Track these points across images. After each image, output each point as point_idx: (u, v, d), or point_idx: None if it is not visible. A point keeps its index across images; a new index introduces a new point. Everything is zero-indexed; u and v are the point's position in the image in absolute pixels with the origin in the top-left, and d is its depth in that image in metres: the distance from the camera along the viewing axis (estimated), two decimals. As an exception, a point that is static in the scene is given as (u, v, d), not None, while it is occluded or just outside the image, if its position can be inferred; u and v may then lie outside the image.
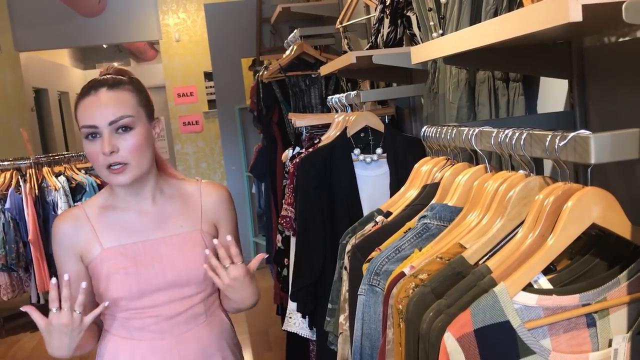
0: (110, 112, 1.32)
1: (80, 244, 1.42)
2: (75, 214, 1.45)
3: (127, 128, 1.34)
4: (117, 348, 1.44)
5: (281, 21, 4.84)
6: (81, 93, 1.37)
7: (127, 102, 1.35)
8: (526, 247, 0.84)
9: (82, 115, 1.35)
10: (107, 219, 1.44)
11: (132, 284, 1.40)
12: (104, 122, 1.32)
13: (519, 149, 0.94)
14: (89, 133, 1.34)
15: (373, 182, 2.03)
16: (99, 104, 1.33)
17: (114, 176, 1.34)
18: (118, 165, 1.33)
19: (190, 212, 1.49)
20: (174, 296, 1.43)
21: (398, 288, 0.94)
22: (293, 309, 2.21)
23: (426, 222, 1.09)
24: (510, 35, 0.89)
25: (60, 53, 9.87)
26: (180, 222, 1.47)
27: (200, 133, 7.83)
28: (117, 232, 1.43)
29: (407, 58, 1.89)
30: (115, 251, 1.41)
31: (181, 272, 1.43)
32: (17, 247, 4.43)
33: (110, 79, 1.37)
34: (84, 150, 1.37)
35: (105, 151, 1.31)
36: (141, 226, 1.44)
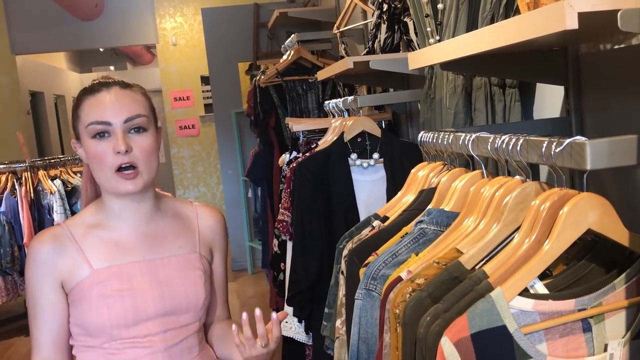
0: (126, 110, 1.23)
1: (62, 267, 1.26)
2: (57, 233, 1.29)
3: (140, 129, 1.25)
4: None
5: (278, 26, 4.85)
6: (87, 90, 1.27)
7: (141, 102, 1.28)
8: (522, 252, 0.85)
9: (90, 112, 1.23)
10: (96, 237, 1.30)
11: (128, 309, 1.25)
12: (119, 119, 1.22)
13: (516, 155, 0.94)
14: (99, 131, 1.22)
15: (370, 187, 2.04)
16: (113, 100, 1.24)
17: (123, 182, 1.23)
18: (130, 170, 1.23)
19: (188, 234, 1.39)
20: (170, 324, 1.30)
21: (395, 292, 0.95)
22: (289, 313, 2.21)
23: (423, 227, 1.10)
24: (506, 42, 0.90)
25: (57, 56, 9.87)
26: (178, 242, 1.36)
27: (197, 137, 7.83)
28: (109, 251, 1.29)
29: (404, 63, 1.90)
30: (108, 272, 1.27)
31: (181, 297, 1.31)
32: (12, 251, 4.42)
33: (120, 81, 1.29)
34: (88, 150, 1.25)
35: (121, 149, 1.20)
36: (136, 245, 1.31)
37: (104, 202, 1.32)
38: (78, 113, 1.27)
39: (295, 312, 2.13)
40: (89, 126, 1.24)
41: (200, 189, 7.78)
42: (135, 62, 11.83)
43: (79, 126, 1.27)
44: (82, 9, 6.90)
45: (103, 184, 1.28)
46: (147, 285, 1.28)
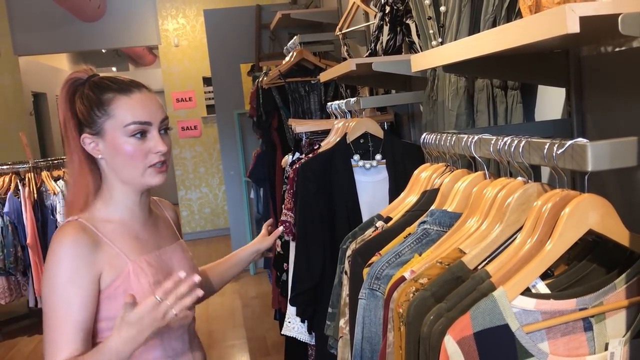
0: (160, 111, 1.32)
1: (102, 260, 1.26)
2: (84, 227, 1.28)
3: (167, 129, 1.35)
4: None
5: (280, 27, 4.87)
6: (114, 89, 1.28)
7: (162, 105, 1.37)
8: (525, 252, 0.86)
9: (132, 111, 1.27)
10: (117, 231, 1.32)
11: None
12: (157, 119, 1.31)
13: (518, 156, 0.96)
14: (141, 130, 1.28)
15: (372, 188, 2.05)
16: (149, 101, 1.30)
17: (155, 175, 1.31)
18: (161, 164, 1.31)
19: (169, 223, 1.52)
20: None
21: (399, 292, 0.96)
22: (292, 313, 2.22)
23: (426, 228, 1.11)
24: (509, 45, 0.91)
25: (59, 57, 9.90)
26: (169, 232, 1.49)
27: (199, 138, 7.86)
28: (133, 243, 1.33)
29: (407, 65, 1.92)
30: (144, 261, 1.32)
31: None
32: (16, 251, 4.43)
33: (139, 81, 1.34)
34: (121, 147, 1.26)
35: (163, 149, 1.29)
36: (149, 236, 1.39)
37: (112, 197, 1.34)
38: (107, 110, 1.28)
39: (298, 312, 2.14)
40: (130, 125, 1.27)
41: (202, 190, 7.80)
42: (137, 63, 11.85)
43: (107, 123, 1.28)
44: (84, 10, 6.93)
45: (132, 179, 1.31)
46: (168, 272, 1.34)
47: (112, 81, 1.31)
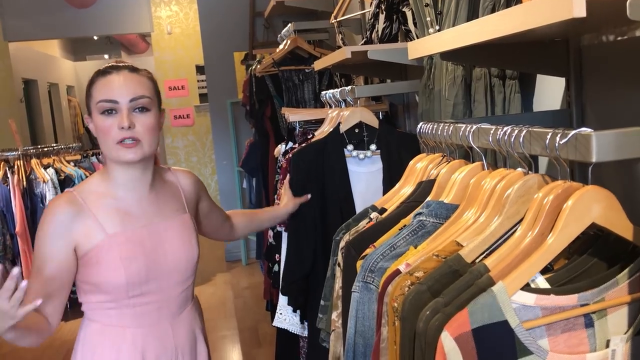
0: (132, 90, 1.38)
1: (78, 231, 1.38)
2: (72, 199, 1.40)
3: (144, 109, 1.39)
4: (117, 340, 1.44)
5: (275, 15, 4.81)
6: (100, 72, 1.41)
7: (146, 85, 1.42)
8: (525, 245, 0.83)
9: (102, 90, 1.38)
10: (105, 205, 1.42)
11: (141, 269, 1.40)
12: (125, 98, 1.37)
13: (518, 146, 0.93)
14: (107, 108, 1.37)
15: (366, 178, 2.02)
16: (121, 81, 1.38)
17: (124, 151, 1.36)
18: (130, 141, 1.36)
19: (177, 197, 1.57)
20: (174, 279, 1.48)
21: (393, 286, 0.93)
22: (284, 304, 2.19)
23: (422, 219, 1.08)
24: (511, 31, 0.87)
25: (51, 44, 9.78)
26: (173, 207, 1.53)
27: (191, 127, 7.79)
28: (119, 217, 1.42)
29: (403, 54, 1.88)
30: (122, 236, 1.40)
31: (181, 254, 1.48)
32: (4, 239, 4.38)
33: (130, 65, 1.43)
34: (96, 124, 1.38)
35: (125, 125, 1.34)
36: (142, 212, 1.46)
37: (109, 173, 1.45)
38: (90, 91, 1.41)
39: (289, 301, 2.11)
40: (99, 103, 1.38)
41: (195, 180, 7.75)
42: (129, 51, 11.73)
43: (91, 103, 1.40)
44: (76, -4, 6.83)
45: (107, 155, 1.41)
46: (155, 246, 1.44)
47: (104, 66, 1.44)
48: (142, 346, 1.44)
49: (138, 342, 1.44)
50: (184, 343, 1.51)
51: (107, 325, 1.44)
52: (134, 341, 1.44)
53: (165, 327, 1.47)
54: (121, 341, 1.44)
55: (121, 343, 1.43)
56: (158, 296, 1.45)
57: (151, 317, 1.45)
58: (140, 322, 1.44)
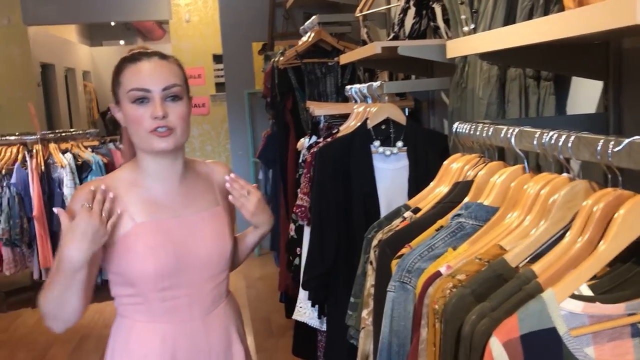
0: (164, 78, 1.34)
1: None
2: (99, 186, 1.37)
3: (176, 97, 1.35)
4: (146, 335, 1.40)
5: (296, 6, 4.79)
6: (129, 59, 1.36)
7: (177, 73, 1.38)
8: (574, 252, 0.82)
9: (132, 78, 1.34)
10: (136, 194, 1.40)
11: (170, 260, 1.37)
12: (158, 87, 1.33)
13: (566, 151, 0.92)
14: (140, 97, 1.33)
15: (391, 175, 2.01)
16: (153, 69, 1.34)
17: (158, 140, 1.33)
18: (164, 129, 1.33)
19: (210, 190, 1.52)
20: (206, 273, 1.43)
21: (434, 287, 0.92)
22: (304, 298, 2.20)
23: (461, 221, 1.07)
24: (565, 35, 0.86)
25: (68, 29, 9.81)
26: (206, 199, 1.49)
27: (207, 116, 7.80)
28: (149, 207, 1.39)
29: (434, 50, 1.87)
30: (150, 226, 1.38)
31: (213, 248, 1.44)
32: (22, 223, 4.41)
33: (158, 51, 1.39)
34: (127, 113, 1.34)
35: (159, 114, 1.31)
36: (171, 202, 1.42)
37: (140, 163, 1.42)
38: (119, 79, 1.36)
39: (310, 296, 2.12)
40: (130, 92, 1.33)
41: (208, 168, 7.76)
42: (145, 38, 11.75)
43: (120, 91, 1.36)
44: (96, -19, 6.84)
45: (139, 145, 1.37)
46: (185, 238, 1.40)
47: (131, 53, 1.39)
48: (173, 343, 1.39)
49: (168, 339, 1.39)
50: (217, 342, 1.45)
51: (137, 321, 1.41)
52: (164, 338, 1.39)
53: (197, 324, 1.42)
54: (150, 337, 1.39)
55: (150, 339, 1.39)
56: (188, 290, 1.40)
57: (182, 313, 1.40)
58: (170, 318, 1.40)
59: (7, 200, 4.40)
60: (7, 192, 4.40)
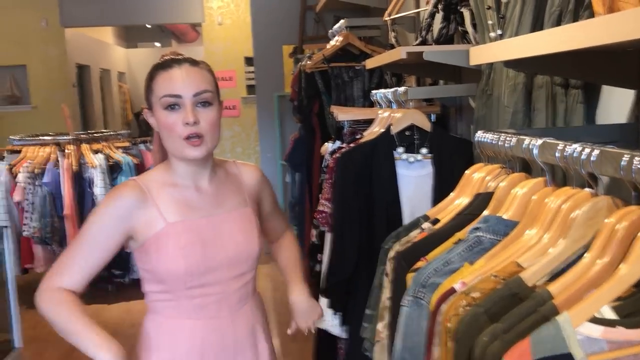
0: (195, 85, 1.37)
1: (139, 218, 1.40)
2: (137, 186, 1.43)
3: (207, 103, 1.38)
4: (175, 331, 1.45)
5: (326, 10, 4.77)
6: (160, 66, 1.40)
7: (207, 78, 1.41)
8: (593, 274, 0.78)
9: (165, 85, 1.37)
10: (167, 194, 1.43)
11: (200, 259, 1.40)
12: (189, 93, 1.36)
13: (588, 166, 0.87)
14: (171, 103, 1.36)
15: (415, 183, 1.98)
16: (184, 75, 1.37)
17: (190, 148, 1.37)
18: (195, 138, 1.36)
19: (238, 191, 1.55)
20: (234, 272, 1.47)
21: (448, 305, 0.89)
22: (325, 305, 2.17)
23: (479, 235, 1.03)
24: (593, 44, 0.82)
25: (104, 31, 10.00)
26: (234, 199, 1.52)
27: (238, 118, 7.84)
28: (180, 207, 1.43)
29: (460, 56, 1.82)
30: (181, 226, 1.41)
31: (242, 247, 1.47)
32: (53, 222, 4.49)
33: (189, 57, 1.42)
34: (160, 119, 1.38)
35: (190, 120, 1.34)
36: (202, 203, 1.46)
37: (172, 165, 1.46)
38: (152, 86, 1.40)
39: (330, 303, 2.09)
40: (162, 98, 1.37)
41: (238, 170, 7.79)
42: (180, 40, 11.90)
43: (152, 98, 1.40)
44: (131, -16, 6.95)
45: (172, 150, 1.42)
46: (215, 238, 1.44)
47: (164, 59, 1.43)
48: (201, 339, 1.44)
49: (197, 335, 1.44)
50: (244, 339, 1.50)
51: (167, 318, 1.45)
52: (192, 334, 1.44)
53: (225, 321, 1.46)
54: (180, 333, 1.44)
55: (180, 335, 1.44)
56: (217, 289, 1.44)
57: (210, 310, 1.44)
58: (199, 314, 1.44)
59: (39, 199, 4.49)
60: (39, 191, 4.50)
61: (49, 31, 7.39)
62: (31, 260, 4.63)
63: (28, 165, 4.54)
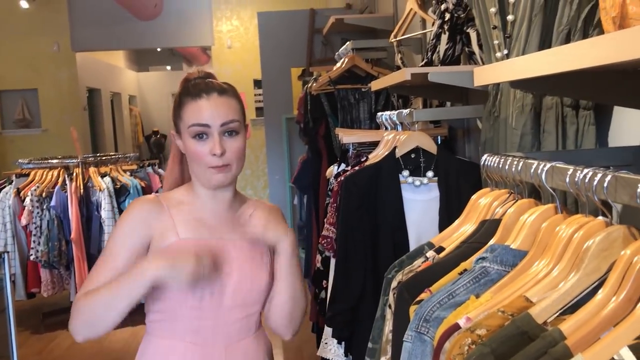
0: (223, 115, 1.39)
1: (156, 228, 1.42)
2: (156, 199, 1.48)
3: (233, 132, 1.41)
4: (166, 352, 1.43)
5: (333, 32, 4.77)
6: (189, 93, 1.43)
7: (234, 107, 1.43)
8: (608, 312, 0.72)
9: (194, 115, 1.40)
10: (184, 212, 1.46)
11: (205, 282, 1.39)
12: (217, 123, 1.39)
13: (601, 192, 0.81)
14: (200, 132, 1.39)
15: (421, 207, 1.92)
16: (212, 106, 1.40)
17: (216, 175, 1.40)
18: (222, 166, 1.39)
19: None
20: (236, 301, 1.44)
21: (452, 342, 0.83)
22: (329, 334, 2.11)
23: (485, 266, 0.97)
24: (600, 63, 0.77)
25: (115, 54, 10.10)
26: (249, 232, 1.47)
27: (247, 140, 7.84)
28: (194, 226, 1.45)
29: (466, 77, 1.78)
30: (192, 243, 1.42)
31: (247, 277, 1.45)
32: (60, 245, 4.47)
33: (217, 85, 1.44)
34: (188, 147, 1.41)
35: (217, 152, 1.37)
36: (217, 225, 1.47)
37: (194, 187, 1.49)
38: (180, 113, 1.43)
39: (334, 333, 2.02)
40: (190, 127, 1.40)
41: (247, 192, 7.78)
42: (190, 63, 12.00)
43: (181, 124, 1.44)
44: (142, 9, 7.02)
45: (198, 176, 1.45)
46: (222, 261, 1.42)
47: (194, 85, 1.44)
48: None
49: (188, 358, 1.42)
50: None
51: (161, 338, 1.45)
52: (184, 356, 1.42)
53: (218, 351, 1.43)
54: (170, 355, 1.43)
55: (169, 356, 1.43)
56: (215, 314, 1.42)
57: (204, 337, 1.42)
58: (193, 338, 1.42)
59: (46, 222, 4.47)
60: (47, 214, 4.48)
61: (61, 55, 7.47)
62: (38, 285, 4.60)
63: (36, 189, 4.53)
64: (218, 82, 1.46)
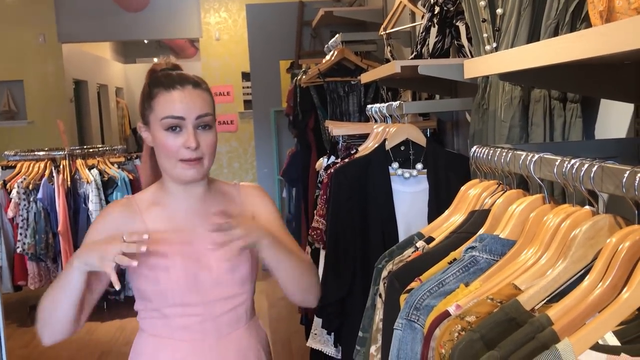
0: (198, 108, 1.36)
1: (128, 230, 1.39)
2: (128, 203, 1.46)
3: (207, 126, 1.38)
4: (157, 348, 1.44)
5: (322, 25, 4.77)
6: (161, 84, 1.38)
7: (208, 101, 1.40)
8: (594, 298, 0.73)
9: (167, 107, 1.36)
10: (155, 212, 1.44)
11: (181, 277, 1.39)
12: (192, 116, 1.35)
13: (587, 182, 0.83)
14: (173, 125, 1.35)
15: (410, 199, 1.93)
16: (187, 98, 1.36)
17: (185, 170, 1.37)
18: (194, 160, 1.36)
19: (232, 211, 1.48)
20: (220, 294, 1.43)
21: (442, 329, 0.85)
22: (318, 324, 2.12)
23: (474, 255, 0.99)
24: (587, 55, 0.79)
25: (102, 46, 10.00)
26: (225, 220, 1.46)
27: (235, 133, 7.82)
28: (167, 224, 1.43)
29: (455, 70, 1.79)
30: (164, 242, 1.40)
31: (226, 269, 1.43)
32: (47, 238, 4.44)
33: (191, 77, 1.40)
34: (159, 140, 1.37)
35: (192, 146, 1.34)
36: (189, 222, 1.44)
37: (164, 183, 1.46)
38: (152, 104, 1.38)
39: (324, 324, 2.04)
40: (163, 120, 1.36)
41: (235, 185, 7.76)
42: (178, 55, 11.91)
43: (151, 116, 1.39)
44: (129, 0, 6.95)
45: (167, 170, 1.41)
46: (198, 258, 1.41)
47: (166, 76, 1.40)
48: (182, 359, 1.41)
49: (177, 356, 1.42)
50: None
51: (152, 335, 1.45)
52: (173, 354, 1.42)
53: (209, 345, 1.42)
54: (161, 351, 1.43)
55: (160, 353, 1.43)
56: (201, 309, 1.41)
57: (194, 332, 1.41)
58: (182, 335, 1.42)
59: (33, 215, 4.44)
60: (33, 207, 4.45)
61: (46, 47, 7.39)
62: (24, 277, 4.57)
63: (22, 181, 4.49)
64: (191, 75, 1.42)
